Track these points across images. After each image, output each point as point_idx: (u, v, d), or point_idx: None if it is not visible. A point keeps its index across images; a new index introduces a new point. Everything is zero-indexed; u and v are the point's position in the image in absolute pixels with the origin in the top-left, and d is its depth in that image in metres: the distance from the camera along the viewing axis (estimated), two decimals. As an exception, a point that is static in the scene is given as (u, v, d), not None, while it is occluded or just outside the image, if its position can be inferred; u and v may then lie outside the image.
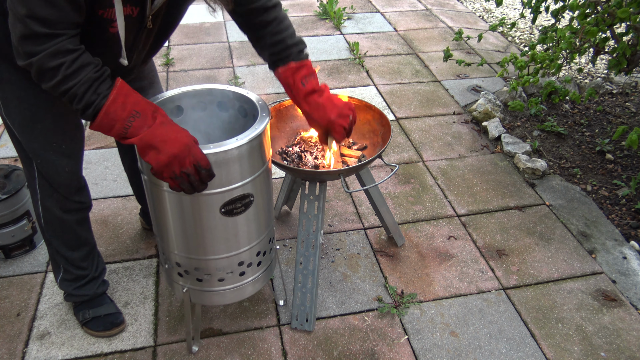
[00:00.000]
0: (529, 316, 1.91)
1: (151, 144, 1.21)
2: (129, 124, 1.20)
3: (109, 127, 1.20)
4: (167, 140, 1.21)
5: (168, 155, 1.20)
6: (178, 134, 1.23)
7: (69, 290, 1.80)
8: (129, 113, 1.20)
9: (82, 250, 1.74)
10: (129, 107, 1.20)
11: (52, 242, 1.71)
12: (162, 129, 1.22)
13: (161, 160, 1.21)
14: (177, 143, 1.21)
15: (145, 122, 1.21)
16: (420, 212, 2.38)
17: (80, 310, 1.82)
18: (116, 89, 1.20)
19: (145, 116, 1.21)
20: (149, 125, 1.21)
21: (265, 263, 1.62)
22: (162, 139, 1.21)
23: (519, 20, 4.54)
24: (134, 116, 1.20)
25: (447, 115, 3.11)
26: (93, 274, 1.80)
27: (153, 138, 1.20)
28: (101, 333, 1.80)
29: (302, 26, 4.21)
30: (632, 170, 2.63)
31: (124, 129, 1.20)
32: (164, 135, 1.21)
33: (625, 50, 2.41)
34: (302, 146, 1.89)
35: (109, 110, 1.18)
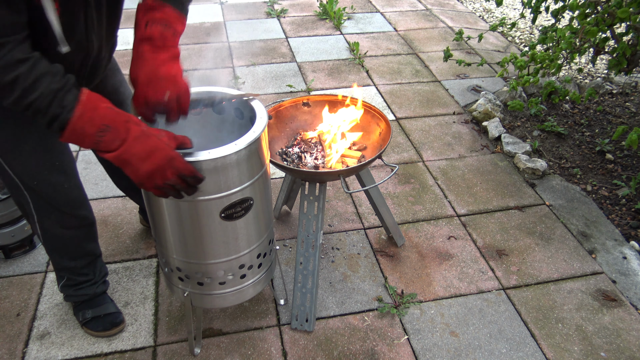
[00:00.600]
0: (529, 316, 1.91)
1: (128, 162, 1.13)
2: (99, 138, 1.11)
3: (79, 142, 1.13)
4: (144, 157, 1.13)
5: (146, 172, 1.14)
6: (156, 147, 1.13)
7: (69, 292, 1.80)
8: (97, 128, 1.10)
9: (84, 259, 1.73)
10: (98, 122, 1.10)
11: (54, 255, 1.69)
12: (137, 145, 1.12)
13: (141, 176, 1.15)
14: (155, 158, 1.13)
15: (117, 136, 1.12)
16: (420, 212, 2.38)
17: (80, 310, 1.82)
18: (82, 105, 1.10)
19: (117, 129, 1.11)
20: (122, 139, 1.12)
21: (265, 265, 1.62)
22: (139, 156, 1.13)
23: (519, 20, 4.53)
24: (104, 130, 1.11)
25: (447, 115, 3.11)
26: (96, 278, 1.80)
27: (129, 157, 1.13)
28: (101, 333, 1.80)
29: (302, 26, 4.21)
30: (632, 170, 2.63)
31: (95, 144, 1.12)
32: (140, 152, 1.13)
33: (625, 50, 2.41)
34: (301, 147, 1.89)
35: (76, 127, 1.10)
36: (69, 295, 1.81)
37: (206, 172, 1.26)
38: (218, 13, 4.39)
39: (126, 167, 1.14)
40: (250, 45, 3.87)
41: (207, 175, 1.27)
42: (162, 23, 1.20)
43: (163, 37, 1.20)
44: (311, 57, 3.72)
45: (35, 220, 1.57)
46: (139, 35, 1.20)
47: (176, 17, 1.23)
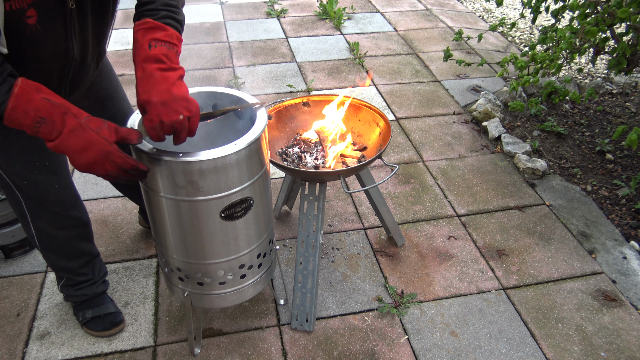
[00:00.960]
0: (529, 316, 1.91)
1: (64, 153, 1.13)
2: (36, 129, 1.10)
3: (19, 129, 1.13)
4: (80, 150, 1.12)
5: (85, 164, 1.14)
6: (92, 141, 1.12)
7: (69, 292, 1.80)
8: (33, 120, 1.10)
9: (81, 259, 1.73)
10: (32, 114, 1.09)
11: (50, 256, 1.69)
12: (72, 139, 1.11)
13: (80, 167, 1.15)
14: (91, 152, 1.12)
15: (53, 128, 1.11)
16: (420, 212, 2.38)
17: (80, 310, 1.82)
18: (14, 97, 1.08)
19: (52, 122, 1.10)
20: (58, 131, 1.11)
21: (265, 265, 1.62)
22: (74, 149, 1.12)
23: (519, 20, 4.53)
24: (40, 122, 1.10)
25: (447, 115, 3.11)
26: (95, 278, 1.80)
27: (65, 149, 1.12)
28: (101, 333, 1.80)
29: (302, 26, 4.21)
30: (632, 170, 2.63)
31: (35, 134, 1.12)
32: (75, 145, 1.12)
33: (625, 50, 2.41)
34: (301, 147, 1.89)
35: (11, 117, 1.10)
36: (68, 295, 1.81)
37: (206, 172, 1.26)
38: (218, 13, 4.39)
39: (66, 156, 1.13)
40: (251, 46, 3.87)
41: (207, 175, 1.27)
42: (166, 43, 1.20)
43: (169, 57, 1.20)
44: (311, 57, 3.72)
45: (28, 220, 1.57)
46: (143, 55, 1.18)
47: (178, 37, 1.24)
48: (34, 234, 1.61)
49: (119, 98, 1.65)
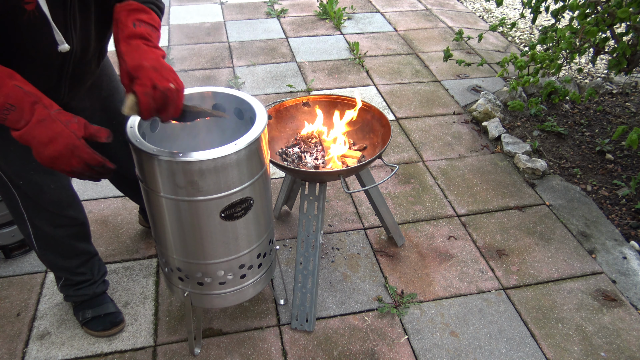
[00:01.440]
0: (529, 316, 1.91)
1: (30, 143, 1.11)
2: (4, 116, 1.09)
3: None
4: (46, 142, 1.10)
5: (49, 157, 1.12)
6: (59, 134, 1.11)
7: (69, 292, 1.80)
8: (1, 106, 1.08)
9: (79, 258, 1.73)
10: (1, 100, 1.08)
11: (47, 255, 1.67)
12: (39, 129, 1.10)
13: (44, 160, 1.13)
14: (57, 145, 1.11)
15: (22, 116, 1.09)
16: (420, 212, 2.38)
17: (80, 310, 1.82)
18: None
19: (22, 109, 1.09)
20: (26, 121, 1.10)
21: (265, 265, 1.62)
22: (40, 140, 1.10)
23: (519, 20, 4.54)
24: (8, 109, 1.08)
25: (447, 115, 3.11)
26: (94, 278, 1.80)
27: (31, 139, 1.10)
28: (101, 333, 1.80)
29: (302, 26, 4.21)
30: (632, 170, 2.63)
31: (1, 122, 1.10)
32: (41, 136, 1.10)
33: (625, 50, 2.41)
34: (301, 147, 1.89)
35: None
36: (68, 295, 1.81)
37: (206, 172, 1.26)
38: (218, 13, 4.39)
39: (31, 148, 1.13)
40: (251, 46, 3.87)
41: (207, 175, 1.27)
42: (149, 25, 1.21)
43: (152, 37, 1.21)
44: (311, 57, 3.72)
45: (25, 219, 1.56)
46: (127, 32, 1.18)
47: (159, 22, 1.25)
48: (31, 232, 1.60)
49: (120, 99, 1.65)
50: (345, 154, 1.85)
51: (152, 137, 1.47)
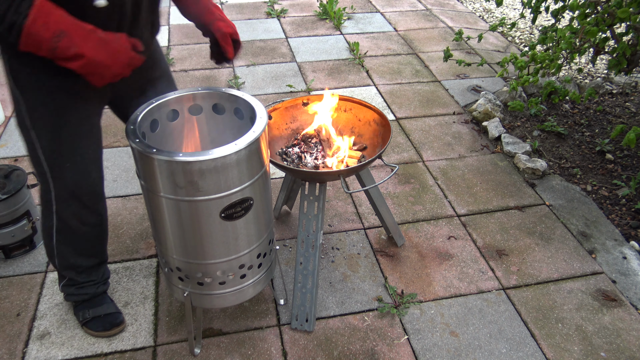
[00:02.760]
0: (529, 316, 1.91)
1: (93, 69, 1.18)
2: (55, 44, 1.12)
3: (36, 49, 1.14)
4: (108, 64, 1.19)
5: (112, 75, 1.22)
6: (118, 51, 1.20)
7: (70, 291, 1.80)
8: (52, 33, 1.11)
9: (92, 260, 1.74)
10: (53, 27, 1.11)
11: (63, 250, 1.67)
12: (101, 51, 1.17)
13: (105, 79, 1.22)
14: (118, 63, 1.21)
15: (72, 42, 1.13)
16: (420, 212, 2.38)
17: (80, 310, 1.82)
18: (35, 9, 1.10)
19: (71, 35, 1.13)
20: (78, 45, 1.13)
21: (265, 265, 1.62)
22: (104, 62, 1.18)
23: (519, 20, 4.54)
24: (59, 36, 1.12)
25: (447, 115, 3.11)
26: (98, 280, 1.80)
27: (94, 65, 1.17)
28: (101, 333, 1.80)
29: (302, 26, 4.21)
30: (632, 170, 2.63)
31: (52, 50, 1.13)
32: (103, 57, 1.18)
33: (625, 50, 2.41)
34: (301, 147, 1.89)
35: (31, 31, 1.11)
36: (69, 294, 1.81)
37: (206, 172, 1.26)
38: (218, 13, 4.39)
39: (92, 76, 1.20)
40: (251, 46, 3.87)
41: (207, 175, 1.27)
42: None
43: None
44: (311, 57, 3.72)
45: (53, 210, 1.57)
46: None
47: None
48: (54, 224, 1.60)
49: (170, 75, 1.73)
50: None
51: (152, 137, 1.47)
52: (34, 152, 1.46)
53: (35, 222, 2.13)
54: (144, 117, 1.40)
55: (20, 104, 1.39)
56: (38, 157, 1.47)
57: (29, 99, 1.37)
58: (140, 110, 1.41)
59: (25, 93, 1.36)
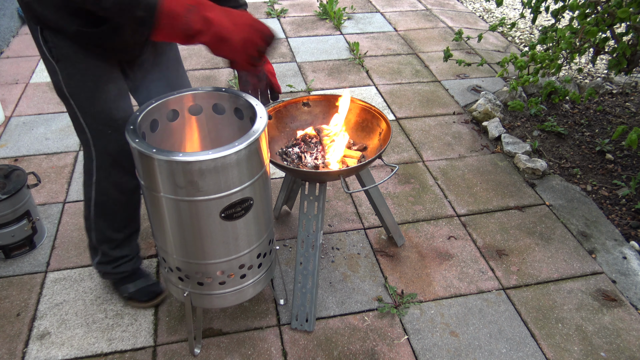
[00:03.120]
0: (529, 316, 1.91)
1: (223, 37, 1.22)
2: (187, 18, 1.18)
3: (170, 28, 1.18)
4: (233, 29, 1.22)
5: (242, 40, 1.24)
6: (241, 15, 1.25)
7: (107, 269, 1.84)
8: (185, 7, 1.17)
9: (127, 230, 1.78)
10: (183, 1, 1.17)
11: (100, 223, 1.71)
12: (226, 19, 1.22)
13: (237, 46, 1.24)
14: (243, 25, 1.25)
15: (198, 14, 1.19)
16: (420, 212, 2.38)
17: (121, 286, 1.88)
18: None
19: (198, 9, 1.19)
20: (205, 18, 1.19)
21: (265, 265, 1.62)
22: (229, 28, 1.22)
23: (519, 20, 4.54)
24: (190, 10, 1.18)
25: (447, 115, 3.11)
26: (132, 254, 1.85)
27: (224, 30, 1.21)
28: (147, 303, 1.88)
29: (302, 26, 4.21)
30: (632, 170, 2.63)
31: (185, 25, 1.18)
32: (229, 23, 1.22)
33: (625, 50, 2.41)
34: (301, 147, 1.89)
35: (167, 9, 1.16)
36: (106, 272, 1.86)
37: (206, 172, 1.27)
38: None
39: (222, 43, 1.24)
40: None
41: (207, 175, 1.27)
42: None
43: None
44: (311, 57, 3.72)
45: (93, 181, 1.60)
46: None
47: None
48: (92, 196, 1.64)
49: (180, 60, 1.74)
50: (345, 154, 1.85)
51: (152, 137, 1.47)
52: (77, 120, 1.50)
53: (35, 222, 2.13)
54: (144, 117, 1.40)
55: (56, 74, 1.42)
56: (81, 124, 1.50)
57: (65, 68, 1.40)
58: (140, 110, 1.41)
59: (61, 63, 1.39)
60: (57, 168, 2.61)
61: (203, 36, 1.21)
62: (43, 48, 1.39)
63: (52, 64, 1.41)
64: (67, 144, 2.78)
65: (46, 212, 2.34)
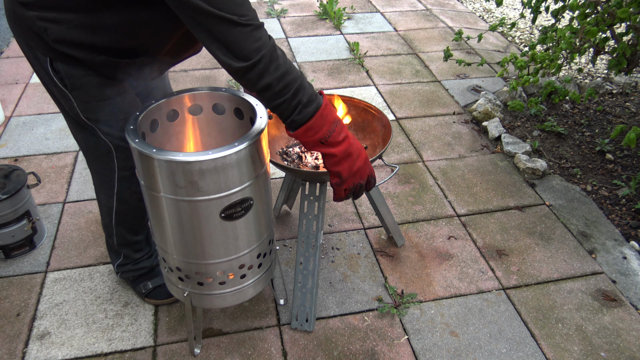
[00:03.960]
0: (529, 316, 1.91)
1: (351, 154, 1.32)
2: (333, 129, 1.28)
3: (317, 129, 1.26)
4: (355, 157, 1.34)
5: (358, 167, 1.35)
6: (360, 148, 1.36)
7: (127, 269, 1.86)
8: (333, 120, 1.28)
9: (145, 230, 1.81)
10: (334, 114, 1.28)
11: (120, 230, 1.74)
12: (355, 143, 1.34)
13: (354, 169, 1.35)
14: (362, 157, 1.36)
15: (342, 130, 1.30)
16: (420, 212, 2.38)
17: (139, 284, 1.89)
18: (325, 98, 1.29)
19: (341, 126, 1.31)
20: (344, 135, 1.30)
21: (265, 265, 1.62)
22: (354, 154, 1.33)
23: (519, 20, 4.54)
24: (335, 124, 1.28)
25: (447, 115, 3.11)
26: (150, 252, 1.87)
27: (353, 150, 1.32)
28: (165, 300, 1.88)
29: (302, 26, 4.21)
30: (632, 170, 2.63)
31: (328, 133, 1.27)
32: (353, 150, 1.33)
33: (625, 50, 2.41)
34: (302, 146, 1.89)
35: (323, 113, 1.25)
36: (125, 271, 1.88)
37: (206, 172, 1.26)
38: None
39: (347, 158, 1.33)
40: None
41: (207, 175, 1.27)
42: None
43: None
44: (311, 57, 3.72)
45: (114, 192, 1.62)
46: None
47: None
48: (114, 206, 1.66)
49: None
50: None
51: (152, 137, 1.47)
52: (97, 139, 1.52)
53: (35, 222, 2.13)
54: (144, 117, 1.40)
55: (70, 101, 1.43)
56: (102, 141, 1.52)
57: (79, 96, 1.41)
58: (141, 110, 1.41)
59: (75, 91, 1.40)
60: (57, 168, 2.61)
61: (336, 147, 1.30)
62: (54, 78, 1.39)
63: (65, 92, 1.41)
64: (67, 144, 2.78)
65: (46, 212, 2.34)
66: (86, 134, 1.53)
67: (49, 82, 1.41)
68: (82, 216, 2.32)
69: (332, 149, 1.30)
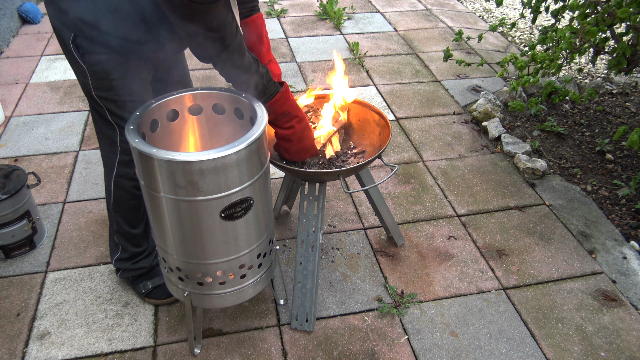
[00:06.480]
0: (529, 316, 1.91)
1: (300, 141, 1.62)
2: (280, 117, 1.56)
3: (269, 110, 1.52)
4: (308, 145, 1.66)
5: (305, 152, 1.67)
6: (313, 139, 1.68)
7: (126, 266, 1.87)
8: (281, 112, 1.55)
9: (143, 225, 1.82)
10: (283, 108, 1.55)
11: (118, 219, 1.77)
12: (308, 133, 1.64)
13: (300, 153, 1.66)
14: (313, 147, 1.68)
15: (290, 122, 1.57)
16: (420, 212, 2.38)
17: (139, 283, 1.90)
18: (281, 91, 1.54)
19: (292, 116, 1.57)
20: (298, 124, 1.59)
21: (265, 265, 1.62)
22: (306, 142, 1.64)
23: (519, 20, 4.54)
24: (285, 115, 1.56)
25: (447, 115, 3.11)
26: (149, 249, 1.88)
27: (304, 139, 1.63)
28: (165, 300, 1.89)
29: (302, 26, 4.21)
30: (632, 170, 2.63)
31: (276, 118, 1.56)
32: (308, 139, 1.65)
33: (625, 50, 2.41)
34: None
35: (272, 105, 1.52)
36: (125, 270, 1.89)
37: (206, 172, 1.26)
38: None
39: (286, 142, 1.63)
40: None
41: (207, 175, 1.27)
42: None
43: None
44: (311, 57, 3.72)
45: (113, 175, 1.68)
46: None
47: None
48: (112, 190, 1.72)
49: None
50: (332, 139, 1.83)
51: (152, 137, 1.47)
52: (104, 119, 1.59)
53: (35, 222, 2.13)
54: (144, 117, 1.40)
55: (86, 77, 1.50)
56: (109, 122, 1.59)
57: (95, 73, 1.49)
58: (141, 110, 1.41)
59: (92, 68, 1.48)
60: (57, 168, 2.61)
61: (281, 130, 1.59)
62: (74, 53, 1.46)
63: (83, 67, 1.48)
64: (67, 144, 2.78)
65: (46, 212, 2.34)
66: (97, 114, 1.60)
67: (70, 57, 1.49)
68: (82, 216, 2.32)
69: (279, 131, 1.60)
